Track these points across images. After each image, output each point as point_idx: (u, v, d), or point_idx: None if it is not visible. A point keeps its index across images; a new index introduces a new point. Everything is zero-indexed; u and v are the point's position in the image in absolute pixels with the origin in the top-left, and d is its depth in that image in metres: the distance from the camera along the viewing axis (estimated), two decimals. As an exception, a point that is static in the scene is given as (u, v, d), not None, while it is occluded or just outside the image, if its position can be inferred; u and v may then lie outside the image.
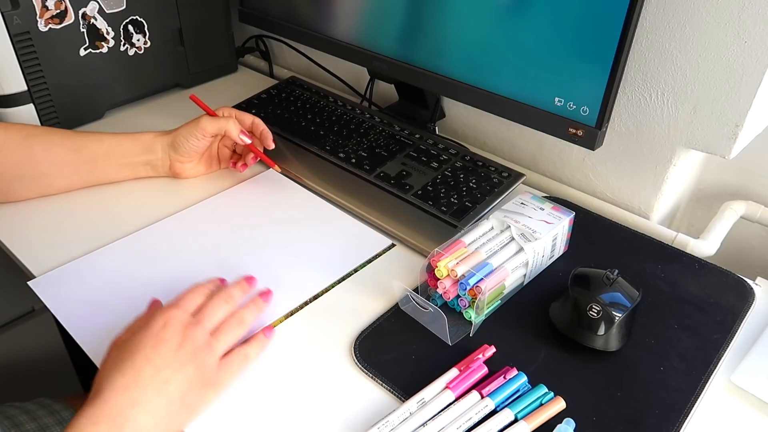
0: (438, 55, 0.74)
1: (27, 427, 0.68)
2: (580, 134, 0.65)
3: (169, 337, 0.49)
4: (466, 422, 0.49)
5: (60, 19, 0.82)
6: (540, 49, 0.65)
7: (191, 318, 0.51)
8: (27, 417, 0.70)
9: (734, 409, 0.53)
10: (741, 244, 0.81)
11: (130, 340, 0.49)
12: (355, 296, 0.63)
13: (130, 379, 0.46)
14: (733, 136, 0.65)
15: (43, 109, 0.84)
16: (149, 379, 0.46)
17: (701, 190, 0.82)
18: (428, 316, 0.59)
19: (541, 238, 0.61)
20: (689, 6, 0.63)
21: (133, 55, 0.92)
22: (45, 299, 0.61)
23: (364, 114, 0.89)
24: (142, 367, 0.47)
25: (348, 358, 0.56)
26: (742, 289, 0.63)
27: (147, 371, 0.47)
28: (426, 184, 0.75)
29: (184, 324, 0.50)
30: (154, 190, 0.77)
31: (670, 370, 0.55)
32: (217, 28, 1.02)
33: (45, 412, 0.72)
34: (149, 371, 0.47)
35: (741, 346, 0.58)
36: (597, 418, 0.51)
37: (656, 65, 0.68)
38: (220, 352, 0.51)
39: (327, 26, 0.85)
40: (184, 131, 0.74)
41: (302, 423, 0.51)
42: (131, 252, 0.67)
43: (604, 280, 0.57)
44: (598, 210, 0.76)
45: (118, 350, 0.49)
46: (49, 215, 0.72)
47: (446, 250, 0.59)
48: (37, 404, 0.73)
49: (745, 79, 0.62)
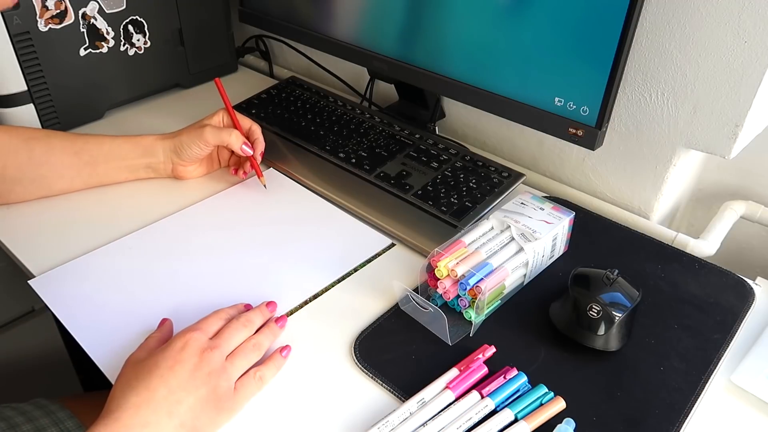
0: (438, 55, 0.74)
1: (23, 428, 0.68)
2: (580, 134, 0.65)
3: (185, 359, 0.49)
4: (466, 422, 0.49)
5: (60, 19, 0.82)
6: (540, 49, 0.65)
7: (209, 341, 0.51)
8: (23, 418, 0.70)
9: (734, 409, 0.53)
10: (741, 244, 0.81)
11: (146, 360, 0.49)
12: (355, 296, 0.63)
13: (143, 399, 0.46)
14: (733, 136, 0.65)
15: (43, 109, 0.84)
16: (162, 400, 0.46)
17: (701, 190, 0.82)
18: (428, 316, 0.59)
19: (541, 238, 0.61)
20: (689, 6, 0.63)
21: (133, 55, 0.92)
22: (45, 298, 0.61)
23: (364, 114, 0.89)
24: (156, 388, 0.47)
25: (348, 358, 0.56)
26: (742, 289, 0.63)
27: (161, 392, 0.47)
28: (426, 184, 0.75)
29: (201, 347, 0.50)
30: (154, 189, 0.77)
31: (670, 370, 0.55)
32: (217, 28, 1.02)
33: (41, 413, 0.72)
34: (163, 392, 0.47)
35: (741, 346, 0.58)
36: (597, 418, 0.51)
37: (656, 65, 0.68)
38: (235, 376, 0.51)
39: (327, 26, 0.85)
40: (186, 139, 0.74)
41: (302, 423, 0.51)
42: (131, 251, 0.68)
43: (604, 280, 0.57)
44: (598, 210, 0.76)
45: (133, 368, 0.49)
46: (49, 215, 0.72)
47: (446, 250, 0.59)
48: (34, 405, 0.73)
49: (745, 79, 0.62)
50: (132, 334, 0.58)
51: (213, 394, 0.49)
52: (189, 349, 0.49)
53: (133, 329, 0.58)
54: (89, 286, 0.63)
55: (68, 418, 0.72)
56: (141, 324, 0.59)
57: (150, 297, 0.61)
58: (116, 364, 0.55)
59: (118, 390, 0.48)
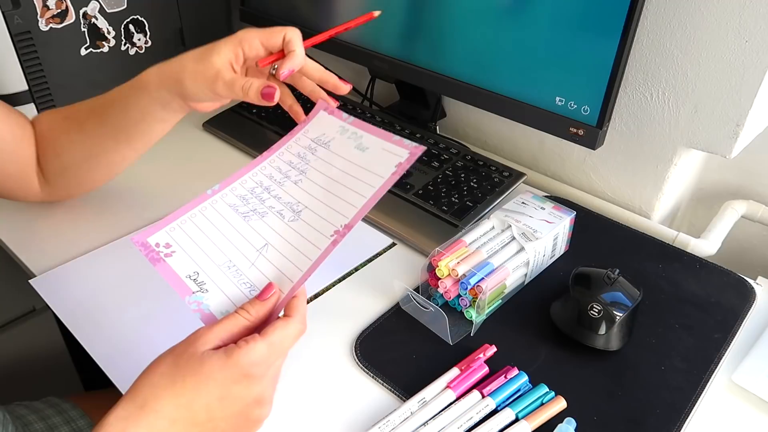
0: (439, 54, 0.74)
1: (36, 426, 0.68)
2: (581, 134, 0.65)
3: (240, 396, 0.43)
4: (467, 422, 0.49)
5: (61, 19, 0.82)
6: (541, 48, 0.65)
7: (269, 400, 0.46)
8: (36, 416, 0.70)
9: (735, 409, 0.53)
10: (742, 244, 0.81)
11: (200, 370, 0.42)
12: (355, 295, 0.63)
13: (180, 414, 0.42)
14: (734, 135, 0.65)
15: (43, 108, 0.84)
16: (196, 425, 0.43)
17: (702, 189, 0.82)
18: (429, 315, 0.59)
19: (542, 237, 0.61)
20: (690, 5, 0.63)
21: (134, 55, 0.92)
22: (46, 297, 0.61)
23: (365, 113, 0.89)
24: (197, 410, 0.42)
25: (349, 357, 0.56)
26: (743, 289, 0.63)
27: (200, 416, 0.43)
28: (427, 183, 0.75)
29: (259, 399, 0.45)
30: (154, 189, 0.77)
31: (671, 369, 0.55)
32: (218, 28, 1.02)
33: (53, 412, 0.72)
34: (202, 417, 0.43)
35: (742, 345, 0.58)
36: (598, 417, 0.51)
37: (657, 65, 0.68)
38: None
39: (328, 26, 0.85)
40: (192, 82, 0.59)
41: (303, 422, 0.51)
42: (132, 250, 0.67)
43: (605, 280, 0.57)
44: (599, 209, 0.76)
45: (175, 365, 0.43)
46: (49, 214, 0.72)
47: (447, 250, 0.59)
48: (46, 403, 0.73)
49: (746, 78, 0.62)
50: (132, 333, 0.58)
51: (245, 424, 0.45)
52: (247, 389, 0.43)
53: (133, 328, 0.58)
54: (90, 286, 0.63)
55: (80, 417, 0.72)
56: (141, 323, 0.59)
57: (150, 297, 0.61)
58: (117, 362, 0.55)
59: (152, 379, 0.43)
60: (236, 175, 0.57)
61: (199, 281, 0.50)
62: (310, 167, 0.56)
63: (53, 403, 0.73)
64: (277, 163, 0.57)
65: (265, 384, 0.45)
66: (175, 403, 0.42)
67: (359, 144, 0.56)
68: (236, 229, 0.53)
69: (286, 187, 0.55)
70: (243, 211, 0.54)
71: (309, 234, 0.52)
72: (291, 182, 0.56)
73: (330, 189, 0.54)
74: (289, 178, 0.56)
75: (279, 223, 0.53)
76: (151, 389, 0.42)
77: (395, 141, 0.55)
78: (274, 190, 0.55)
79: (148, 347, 0.57)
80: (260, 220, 0.54)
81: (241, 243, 0.52)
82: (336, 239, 0.50)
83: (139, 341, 0.57)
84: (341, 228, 0.51)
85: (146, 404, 0.42)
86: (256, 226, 0.53)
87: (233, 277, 0.50)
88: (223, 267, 0.51)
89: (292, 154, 0.58)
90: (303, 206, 0.54)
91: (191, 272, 0.50)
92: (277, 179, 0.56)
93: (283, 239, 0.52)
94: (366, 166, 0.54)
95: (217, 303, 0.49)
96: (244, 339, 0.44)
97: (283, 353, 0.45)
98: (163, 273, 0.50)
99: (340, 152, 0.57)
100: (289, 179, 0.56)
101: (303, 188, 0.55)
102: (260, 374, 0.44)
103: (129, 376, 0.54)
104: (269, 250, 0.52)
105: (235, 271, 0.51)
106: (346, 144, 0.57)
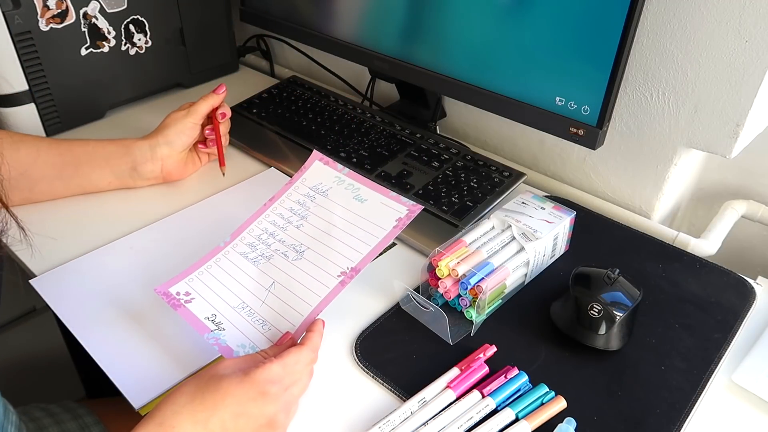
0: (439, 54, 0.74)
1: (51, 431, 0.68)
2: (581, 134, 0.65)
3: (255, 415, 0.46)
4: (467, 421, 0.49)
5: (61, 19, 0.82)
6: (541, 48, 0.65)
7: (282, 427, 0.49)
8: (51, 420, 0.69)
9: (735, 409, 0.53)
10: (742, 244, 0.81)
11: (219, 387, 0.46)
12: (355, 295, 0.63)
13: (197, 430, 0.45)
14: (734, 135, 0.65)
15: (44, 108, 0.84)
16: None
17: (702, 189, 0.82)
18: (429, 315, 0.59)
19: (542, 237, 0.61)
20: (690, 5, 0.63)
21: (134, 55, 0.92)
22: (47, 297, 0.61)
23: (365, 113, 0.89)
24: (212, 427, 0.45)
25: (349, 357, 0.57)
26: (743, 289, 0.63)
27: None
28: (427, 183, 0.75)
29: (272, 421, 0.48)
30: (154, 189, 0.77)
31: (671, 369, 0.55)
32: (218, 28, 1.02)
33: (69, 417, 0.71)
34: None
35: (742, 345, 0.58)
36: (598, 417, 0.51)
37: (657, 64, 0.68)
38: None
39: (328, 25, 0.86)
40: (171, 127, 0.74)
41: (303, 422, 0.51)
42: (132, 250, 0.68)
43: (605, 280, 0.57)
44: (599, 209, 0.76)
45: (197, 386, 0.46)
46: (49, 214, 0.72)
47: (447, 250, 0.59)
48: (62, 407, 0.72)
49: (746, 78, 0.62)
50: (132, 333, 0.58)
51: None
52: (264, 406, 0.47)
53: (133, 328, 0.58)
54: (90, 286, 0.63)
55: (94, 424, 0.71)
56: (141, 323, 0.59)
57: (151, 297, 0.61)
58: (117, 362, 0.55)
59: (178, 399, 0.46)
60: (244, 225, 0.64)
61: (216, 321, 0.56)
62: (310, 213, 0.63)
63: (69, 408, 0.72)
64: (279, 210, 0.64)
65: (279, 406, 0.48)
66: (192, 419, 0.45)
67: (357, 195, 0.63)
68: (247, 273, 0.60)
69: (289, 231, 0.62)
70: (252, 257, 0.61)
71: (313, 271, 0.58)
72: (293, 227, 0.62)
73: (331, 233, 0.61)
74: (291, 223, 0.63)
75: (284, 262, 0.60)
76: (171, 407, 0.45)
77: (393, 197, 0.61)
78: (278, 234, 0.62)
79: (148, 347, 0.57)
80: (267, 262, 0.60)
81: (251, 285, 0.59)
82: (344, 280, 0.57)
83: (139, 341, 0.57)
84: (348, 270, 0.57)
85: (165, 422, 0.45)
86: (264, 268, 0.60)
87: (247, 316, 0.57)
88: (238, 308, 0.57)
89: (293, 201, 0.64)
90: (305, 247, 0.60)
91: (209, 314, 0.56)
92: (280, 225, 0.63)
93: (289, 276, 0.59)
94: (367, 217, 0.61)
95: (233, 338, 0.55)
96: (261, 361, 0.48)
97: (297, 376, 0.50)
98: (184, 316, 0.57)
99: (339, 201, 0.63)
100: (291, 224, 0.63)
101: (305, 231, 0.62)
102: (275, 393, 0.47)
103: (129, 375, 0.54)
104: (276, 287, 0.58)
105: (248, 311, 0.57)
106: (344, 194, 0.63)
